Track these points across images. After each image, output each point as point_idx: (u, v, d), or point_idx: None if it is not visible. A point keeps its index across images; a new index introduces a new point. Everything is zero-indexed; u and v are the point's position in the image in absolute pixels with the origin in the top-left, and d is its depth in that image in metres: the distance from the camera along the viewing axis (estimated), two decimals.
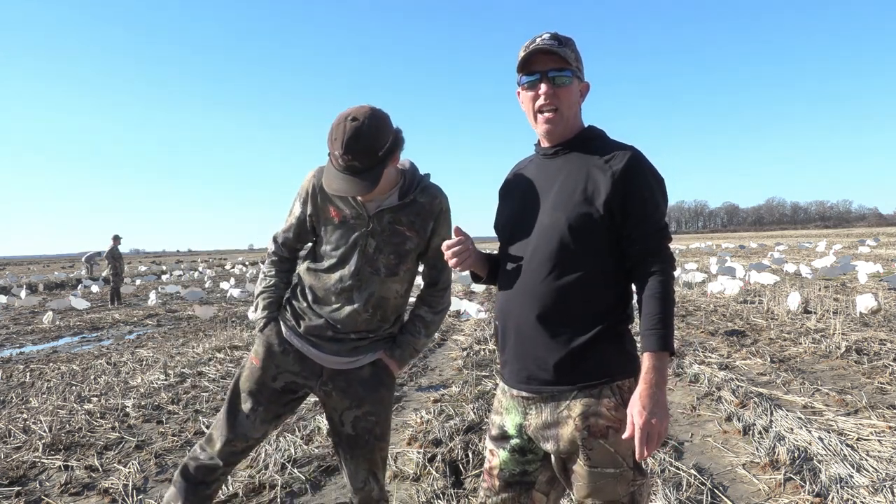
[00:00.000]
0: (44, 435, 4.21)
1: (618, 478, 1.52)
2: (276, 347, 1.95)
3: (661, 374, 1.47)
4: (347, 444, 1.96)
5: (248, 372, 1.97)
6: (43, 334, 10.53)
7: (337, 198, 1.89)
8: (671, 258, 1.56)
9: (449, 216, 2.00)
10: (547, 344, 1.56)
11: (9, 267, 54.19)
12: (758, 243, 41.15)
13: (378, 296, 1.91)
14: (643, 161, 1.59)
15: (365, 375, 1.95)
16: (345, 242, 1.89)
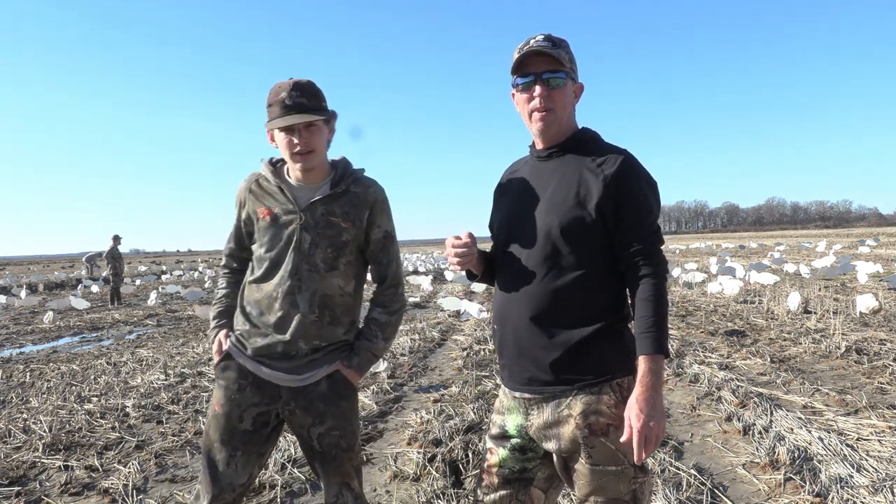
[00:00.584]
0: (44, 435, 4.21)
1: (619, 475, 1.53)
2: (232, 386, 1.86)
3: (657, 376, 1.47)
4: (319, 460, 1.91)
5: (214, 421, 1.87)
6: (43, 334, 10.53)
7: (267, 195, 1.87)
8: (664, 261, 1.57)
9: (387, 207, 1.95)
10: (545, 345, 1.57)
11: (9, 267, 54.18)
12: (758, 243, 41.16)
13: (321, 294, 1.83)
14: (635, 165, 1.60)
15: (323, 390, 1.86)
16: (278, 241, 1.84)
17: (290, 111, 1.76)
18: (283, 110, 1.76)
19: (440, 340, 7.93)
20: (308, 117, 1.75)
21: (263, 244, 1.87)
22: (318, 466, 1.93)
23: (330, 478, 1.91)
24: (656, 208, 1.61)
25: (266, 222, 1.86)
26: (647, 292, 1.51)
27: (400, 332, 8.56)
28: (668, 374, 5.42)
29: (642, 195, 1.57)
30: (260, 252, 1.87)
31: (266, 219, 1.86)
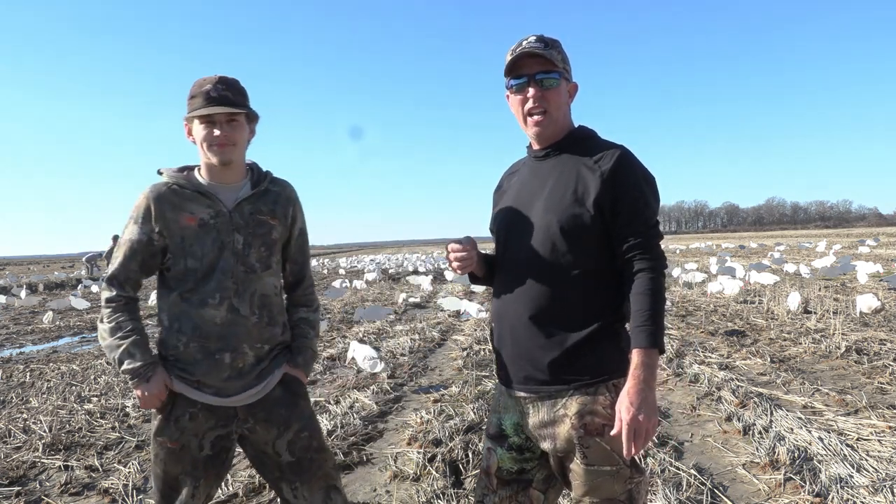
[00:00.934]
0: (44, 435, 4.21)
1: (615, 475, 1.52)
2: (182, 418, 1.76)
3: (650, 370, 1.46)
4: (293, 472, 1.83)
5: (171, 457, 1.77)
6: (43, 334, 10.53)
7: (190, 202, 1.76)
8: (661, 256, 1.56)
9: (301, 205, 1.96)
10: (542, 344, 1.58)
11: (9, 267, 54.18)
12: (758, 243, 41.13)
13: (260, 294, 1.80)
14: (632, 160, 1.59)
15: (278, 395, 1.83)
16: (210, 246, 1.75)
17: (213, 102, 1.72)
18: (207, 101, 1.72)
19: (440, 340, 7.93)
20: (231, 109, 1.72)
21: (192, 253, 1.75)
22: (295, 480, 1.84)
23: (313, 485, 1.84)
24: (654, 203, 1.60)
25: (193, 229, 1.75)
26: (643, 286, 1.50)
27: (400, 332, 8.57)
28: (668, 374, 5.42)
29: (639, 190, 1.56)
30: (189, 263, 1.75)
31: (192, 225, 1.75)
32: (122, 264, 1.77)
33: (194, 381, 1.75)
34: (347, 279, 19.83)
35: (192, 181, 1.79)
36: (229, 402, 1.77)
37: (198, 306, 1.74)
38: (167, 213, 1.75)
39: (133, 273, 1.78)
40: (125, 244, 1.77)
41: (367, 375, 5.81)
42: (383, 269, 26.16)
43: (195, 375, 1.75)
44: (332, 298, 14.19)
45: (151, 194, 1.76)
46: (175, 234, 1.75)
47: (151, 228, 1.75)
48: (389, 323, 9.63)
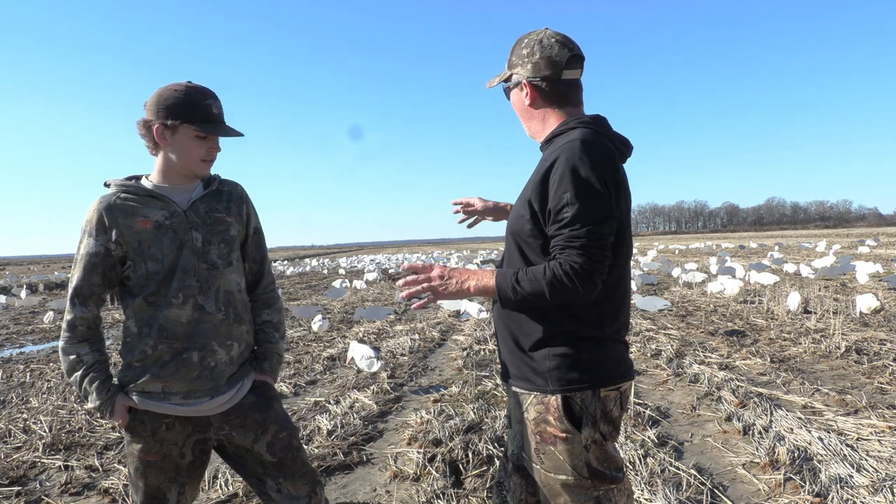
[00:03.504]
0: (44, 435, 4.21)
1: (573, 486, 1.51)
2: (158, 430, 1.75)
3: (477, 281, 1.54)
4: (275, 469, 1.84)
5: (152, 469, 1.76)
6: (43, 334, 10.53)
7: (143, 207, 1.74)
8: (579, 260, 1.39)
9: (252, 203, 1.97)
10: (511, 347, 1.60)
11: (9, 267, 54.17)
12: (758, 243, 41.12)
13: (224, 290, 1.80)
14: (567, 155, 1.43)
15: (252, 400, 1.84)
16: (168, 246, 1.73)
17: (217, 122, 1.75)
18: (211, 118, 1.74)
19: (440, 340, 7.93)
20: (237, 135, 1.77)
21: (151, 256, 1.72)
22: (278, 478, 1.85)
23: (297, 484, 1.86)
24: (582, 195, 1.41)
25: (149, 232, 1.72)
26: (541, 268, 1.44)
27: (400, 332, 8.56)
28: (668, 374, 5.42)
29: (561, 185, 1.42)
30: (149, 266, 1.72)
31: (148, 228, 1.72)
32: (84, 279, 1.73)
33: (159, 393, 1.73)
34: (347, 279, 19.83)
35: (141, 188, 1.77)
36: (199, 410, 1.76)
37: (163, 307, 1.72)
38: (120, 220, 1.72)
39: (96, 287, 1.74)
40: (83, 259, 1.73)
41: (367, 375, 5.81)
42: (383, 269, 26.16)
43: (161, 379, 1.72)
44: (332, 298, 14.18)
45: (101, 205, 1.72)
46: (131, 239, 1.72)
47: (108, 239, 1.71)
48: (389, 323, 9.63)
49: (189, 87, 1.74)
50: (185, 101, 1.71)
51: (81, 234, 1.74)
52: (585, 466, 1.50)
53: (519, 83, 1.62)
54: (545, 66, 1.57)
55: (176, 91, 1.72)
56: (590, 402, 1.50)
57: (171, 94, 1.71)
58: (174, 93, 1.71)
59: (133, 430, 1.76)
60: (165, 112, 1.70)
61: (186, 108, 1.71)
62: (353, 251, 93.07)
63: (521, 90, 1.62)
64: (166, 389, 1.73)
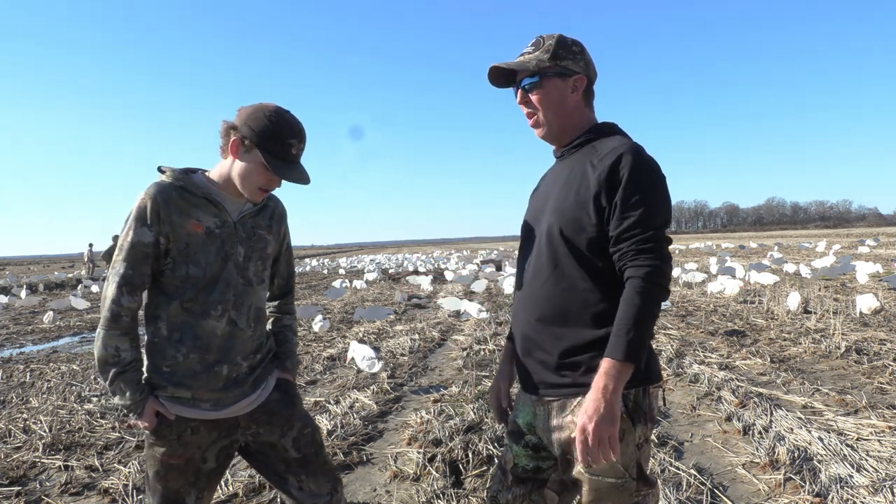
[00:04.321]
0: (44, 435, 4.21)
1: (619, 488, 1.49)
2: (184, 434, 1.72)
3: (612, 379, 1.38)
4: (300, 466, 1.86)
5: (173, 473, 1.73)
6: (43, 334, 10.52)
7: (197, 209, 1.70)
8: (655, 262, 1.43)
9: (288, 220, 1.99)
10: (549, 350, 1.56)
11: (9, 267, 54.16)
12: (758, 243, 41.11)
13: (255, 308, 1.81)
14: (633, 156, 1.48)
15: (277, 398, 1.86)
16: (214, 256, 1.71)
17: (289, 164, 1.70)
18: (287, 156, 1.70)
19: (440, 340, 7.93)
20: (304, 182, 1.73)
21: (195, 261, 1.68)
22: (300, 474, 1.86)
23: (319, 481, 1.87)
24: (655, 203, 1.47)
25: (199, 237, 1.69)
26: (626, 294, 1.42)
27: (400, 332, 8.57)
28: (668, 374, 5.42)
29: (633, 186, 1.45)
30: (191, 270, 1.68)
31: (199, 233, 1.69)
32: (134, 268, 1.65)
33: (189, 399, 1.71)
34: (347, 279, 19.82)
35: (201, 186, 1.73)
36: (227, 413, 1.76)
37: (200, 317, 1.70)
38: (174, 217, 1.67)
39: (147, 277, 1.68)
40: (134, 247, 1.64)
41: (366, 375, 5.81)
42: (383, 269, 26.15)
43: (191, 388, 1.71)
44: (332, 298, 14.18)
45: (160, 196, 1.66)
46: (181, 239, 1.67)
47: (160, 231, 1.65)
48: (389, 323, 9.63)
49: (281, 118, 1.69)
50: (270, 130, 1.67)
51: (132, 221, 1.65)
52: (636, 467, 1.49)
53: (573, 74, 1.61)
54: (592, 67, 1.65)
55: (268, 115, 1.68)
56: (641, 400, 1.50)
57: (262, 115, 1.68)
58: (265, 116, 1.68)
59: (159, 433, 1.72)
60: (249, 130, 1.67)
61: (267, 137, 1.67)
62: (353, 251, 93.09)
63: (566, 81, 1.61)
64: (196, 396, 1.72)
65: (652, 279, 1.41)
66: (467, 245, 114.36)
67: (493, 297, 13.12)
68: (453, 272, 19.19)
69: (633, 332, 1.39)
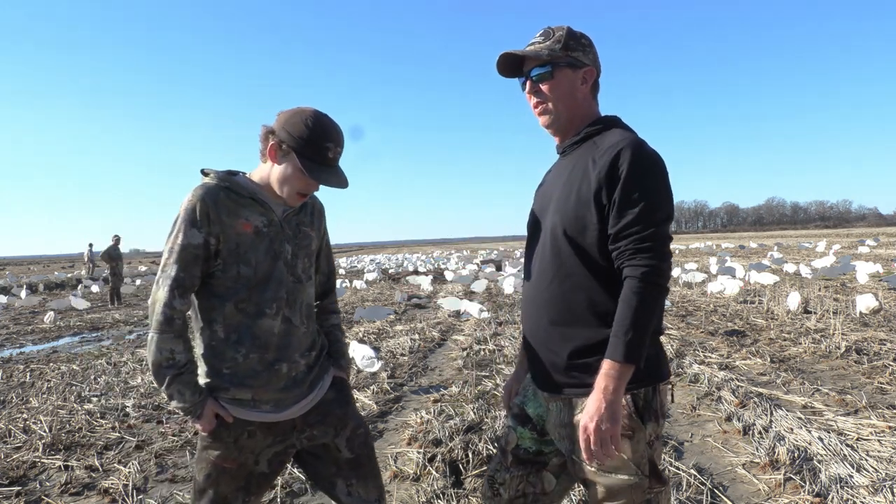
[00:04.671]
0: (44, 435, 4.21)
1: (632, 485, 1.48)
2: (241, 437, 1.71)
3: (613, 380, 1.39)
4: (350, 468, 1.84)
5: (224, 477, 1.72)
6: (43, 334, 10.53)
7: (244, 208, 1.70)
8: (654, 261, 1.41)
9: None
10: (558, 349, 1.55)
11: (9, 267, 54.16)
12: (758, 243, 41.12)
13: (306, 304, 1.82)
14: (633, 150, 1.45)
15: (331, 397, 1.86)
16: (263, 255, 1.71)
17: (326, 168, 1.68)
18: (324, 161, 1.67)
19: (440, 340, 7.93)
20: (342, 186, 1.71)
21: (246, 260, 1.68)
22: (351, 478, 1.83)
23: (368, 483, 1.85)
24: (654, 200, 1.44)
25: (249, 236, 1.69)
26: (625, 294, 1.41)
27: (400, 332, 8.56)
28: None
29: (633, 181, 1.43)
30: (238, 270, 1.68)
31: (248, 232, 1.69)
32: (186, 270, 1.63)
33: (249, 401, 1.70)
34: (347, 279, 19.82)
35: (246, 187, 1.73)
36: (286, 415, 1.75)
37: (255, 317, 1.70)
38: (224, 218, 1.66)
39: (197, 279, 1.67)
40: (185, 249, 1.62)
41: (366, 375, 5.81)
42: (383, 269, 26.16)
43: (253, 388, 1.69)
44: None
45: (208, 197, 1.65)
46: (231, 239, 1.67)
47: (209, 232, 1.65)
48: (389, 323, 9.63)
49: (318, 123, 1.67)
50: (307, 135, 1.65)
51: (180, 223, 1.64)
52: (648, 464, 1.49)
53: (584, 66, 1.61)
54: (598, 61, 1.66)
55: (304, 120, 1.67)
56: (651, 398, 1.50)
57: (300, 120, 1.66)
58: (302, 120, 1.66)
59: (216, 436, 1.70)
60: (286, 135, 1.66)
61: (303, 142, 1.65)
62: (353, 251, 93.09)
63: (577, 73, 1.61)
64: (256, 398, 1.70)
65: (649, 279, 1.40)
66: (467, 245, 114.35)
67: (493, 297, 13.13)
68: (453, 272, 19.20)
69: (632, 333, 1.38)
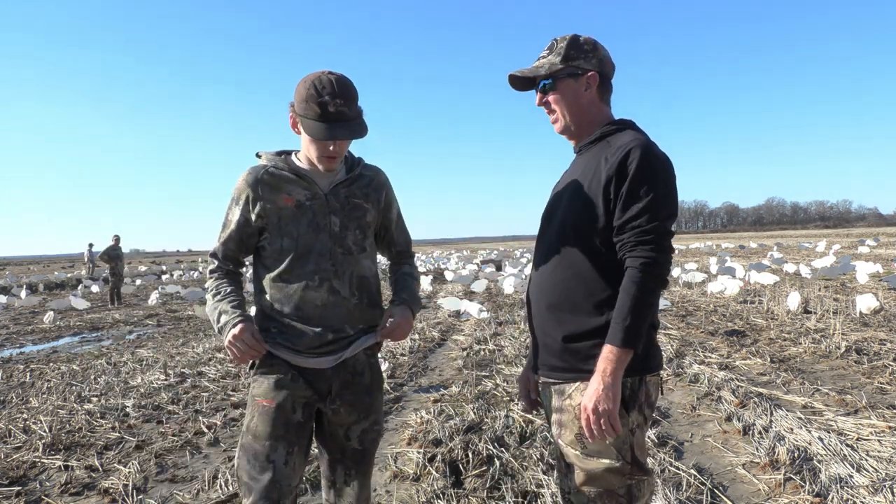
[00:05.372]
0: (44, 435, 4.21)
1: (611, 469, 1.55)
2: (284, 377, 1.76)
3: (611, 363, 1.46)
4: (353, 459, 1.86)
5: (263, 417, 1.73)
6: (43, 334, 10.53)
7: (288, 184, 1.78)
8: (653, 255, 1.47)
9: (393, 189, 1.98)
10: (553, 335, 1.63)
11: (9, 267, 54.16)
12: (758, 243, 41.12)
13: (358, 276, 1.82)
14: (642, 151, 1.53)
15: (367, 382, 1.86)
16: (306, 227, 1.76)
17: (332, 124, 1.66)
18: (325, 117, 1.66)
19: (440, 340, 7.93)
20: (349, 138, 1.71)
21: (288, 233, 1.76)
22: (350, 468, 1.86)
23: (362, 479, 1.88)
24: (659, 195, 1.51)
25: (290, 210, 1.76)
26: (625, 282, 1.49)
27: None
28: (668, 374, 5.41)
29: (640, 179, 1.51)
30: (284, 243, 1.76)
31: (290, 206, 1.76)
32: (223, 243, 1.84)
33: (293, 349, 1.77)
34: None
35: (291, 164, 1.81)
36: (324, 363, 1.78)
37: (298, 288, 1.76)
38: (265, 195, 1.77)
39: (231, 251, 1.85)
40: (227, 225, 1.82)
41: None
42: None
43: (297, 345, 1.76)
44: None
45: (251, 177, 1.78)
46: (272, 214, 1.77)
47: (249, 210, 1.78)
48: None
49: (314, 81, 1.67)
50: (303, 97, 1.68)
51: (230, 201, 1.82)
52: (629, 450, 1.54)
53: (585, 73, 1.67)
54: (606, 63, 1.72)
55: (303, 84, 1.69)
56: (637, 388, 1.56)
57: (300, 86, 1.70)
58: (302, 85, 1.69)
59: (264, 365, 1.77)
60: (294, 104, 1.72)
61: (305, 105, 1.68)
62: None
63: (579, 80, 1.68)
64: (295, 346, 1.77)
65: (648, 270, 1.47)
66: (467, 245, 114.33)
67: (493, 297, 13.13)
68: (453, 272, 19.20)
69: (630, 320, 1.45)
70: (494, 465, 3.26)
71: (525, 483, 3.06)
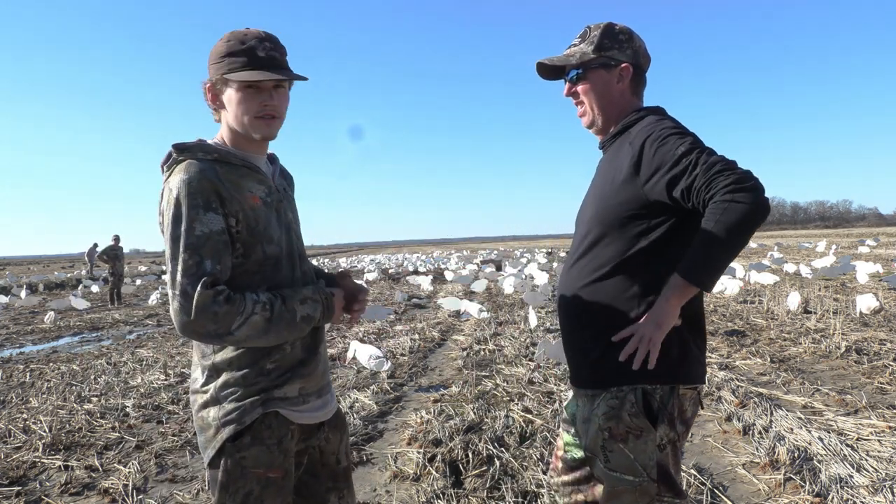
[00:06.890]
0: (44, 435, 4.21)
1: (636, 487, 1.46)
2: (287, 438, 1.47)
3: (671, 290, 1.40)
4: (344, 478, 1.67)
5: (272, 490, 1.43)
6: (43, 334, 10.52)
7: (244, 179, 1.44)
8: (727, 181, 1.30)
9: None
10: (580, 342, 1.58)
11: (9, 267, 54.15)
12: (758, 243, 41.08)
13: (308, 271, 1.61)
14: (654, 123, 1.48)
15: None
16: (278, 228, 1.49)
17: (265, 65, 1.39)
18: (255, 62, 1.39)
19: (440, 340, 7.92)
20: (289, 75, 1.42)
21: (266, 238, 1.44)
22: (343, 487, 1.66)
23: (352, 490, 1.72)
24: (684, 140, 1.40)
25: (261, 210, 1.44)
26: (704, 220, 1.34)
27: (400, 332, 8.56)
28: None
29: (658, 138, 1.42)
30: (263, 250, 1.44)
31: (258, 205, 1.44)
32: (218, 260, 1.35)
33: (297, 397, 1.49)
34: None
35: (232, 154, 1.45)
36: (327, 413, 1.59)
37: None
38: (234, 194, 1.40)
39: (228, 270, 1.39)
40: (210, 238, 1.34)
41: (366, 375, 5.80)
42: (383, 269, 26.14)
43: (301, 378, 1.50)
44: None
45: (205, 172, 1.37)
46: (249, 218, 1.41)
47: (227, 213, 1.38)
48: (389, 323, 9.63)
49: (233, 33, 1.44)
50: (226, 51, 1.41)
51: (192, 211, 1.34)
52: (655, 467, 1.46)
53: (618, 64, 1.60)
54: (641, 54, 1.64)
55: (219, 42, 1.44)
56: (668, 399, 1.48)
57: (216, 46, 1.44)
58: (217, 44, 1.44)
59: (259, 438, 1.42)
60: (212, 69, 1.44)
61: (227, 58, 1.41)
62: (353, 251, 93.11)
63: (611, 72, 1.60)
64: (303, 391, 1.50)
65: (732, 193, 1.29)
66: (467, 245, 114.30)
67: (493, 297, 13.13)
68: (453, 272, 19.19)
69: (700, 252, 1.35)
70: (494, 465, 3.26)
71: (525, 483, 3.06)
